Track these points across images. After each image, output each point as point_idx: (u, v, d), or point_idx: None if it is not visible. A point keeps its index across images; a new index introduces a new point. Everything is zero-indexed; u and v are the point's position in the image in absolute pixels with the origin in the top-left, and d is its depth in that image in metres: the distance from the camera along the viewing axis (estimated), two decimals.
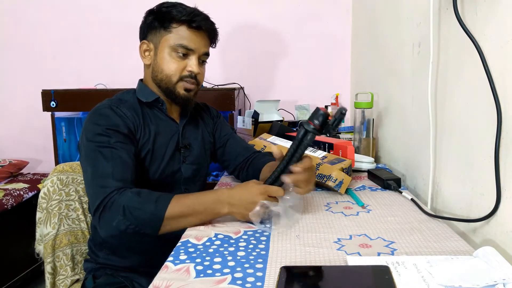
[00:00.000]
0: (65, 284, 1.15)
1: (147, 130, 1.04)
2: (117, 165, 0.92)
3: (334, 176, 1.06)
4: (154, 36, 1.05)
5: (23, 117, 2.47)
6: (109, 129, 0.96)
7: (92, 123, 0.97)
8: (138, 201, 0.86)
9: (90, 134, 0.96)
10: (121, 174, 0.91)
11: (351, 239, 0.79)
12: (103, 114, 0.99)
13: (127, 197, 0.86)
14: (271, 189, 0.84)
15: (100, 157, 0.92)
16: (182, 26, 1.02)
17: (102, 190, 0.88)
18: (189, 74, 1.04)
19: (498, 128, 0.72)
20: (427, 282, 0.59)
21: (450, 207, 0.95)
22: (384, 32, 1.56)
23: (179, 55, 1.03)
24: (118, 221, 0.85)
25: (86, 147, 0.95)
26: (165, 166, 1.07)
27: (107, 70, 2.37)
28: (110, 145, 0.94)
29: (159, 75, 1.05)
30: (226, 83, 2.20)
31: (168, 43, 1.02)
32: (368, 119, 1.45)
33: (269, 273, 0.65)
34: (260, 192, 0.84)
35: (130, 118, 1.02)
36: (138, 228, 0.85)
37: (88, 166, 0.93)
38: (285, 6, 2.27)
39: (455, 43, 0.90)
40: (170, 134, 1.09)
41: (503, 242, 0.73)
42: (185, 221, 0.86)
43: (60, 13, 2.37)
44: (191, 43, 1.03)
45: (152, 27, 1.05)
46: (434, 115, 1.01)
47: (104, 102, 1.03)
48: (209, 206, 0.86)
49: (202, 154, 1.16)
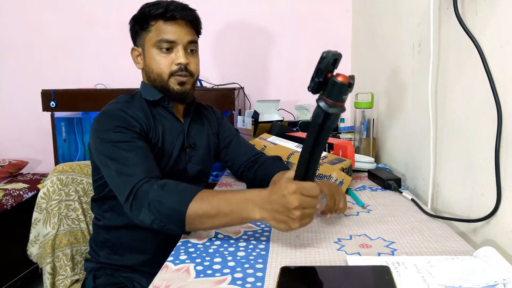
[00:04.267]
0: (64, 284, 1.15)
1: (157, 130, 1.05)
2: (139, 155, 0.91)
3: (334, 176, 1.06)
4: (139, 40, 1.06)
5: (23, 117, 2.47)
6: (122, 127, 0.95)
7: (103, 124, 0.96)
8: (161, 195, 0.82)
9: (103, 134, 0.94)
10: (146, 164, 0.90)
11: (351, 239, 0.79)
12: (114, 115, 0.98)
13: (152, 189, 0.83)
14: (307, 190, 0.69)
15: (120, 151, 0.91)
16: (159, 21, 1.02)
17: (130, 179, 0.86)
18: (178, 68, 1.03)
19: (498, 128, 0.72)
20: (427, 282, 0.59)
21: (450, 207, 0.95)
22: (384, 32, 1.56)
23: (163, 51, 1.02)
24: (144, 214, 0.82)
25: (101, 146, 0.94)
26: (172, 165, 1.07)
27: (107, 70, 2.37)
28: (128, 140, 0.93)
29: (151, 75, 1.05)
30: (226, 83, 2.20)
31: (150, 42, 1.03)
32: (368, 119, 1.45)
33: (269, 273, 0.65)
34: (296, 198, 0.68)
35: (142, 118, 1.01)
36: (163, 223, 0.80)
37: (110, 162, 0.91)
38: (285, 6, 2.27)
39: (455, 43, 0.90)
40: (177, 133, 1.09)
41: (503, 242, 0.72)
42: (210, 222, 0.78)
43: (60, 13, 2.37)
44: (170, 35, 1.02)
45: (136, 32, 1.06)
46: (434, 115, 1.01)
47: (112, 106, 1.01)
48: (237, 207, 0.75)
49: (207, 154, 1.16)
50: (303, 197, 0.68)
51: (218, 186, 1.21)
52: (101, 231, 1.09)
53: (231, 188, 1.19)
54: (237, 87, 2.05)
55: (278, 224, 0.71)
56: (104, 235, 1.08)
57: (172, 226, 0.80)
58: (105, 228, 1.08)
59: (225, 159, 1.23)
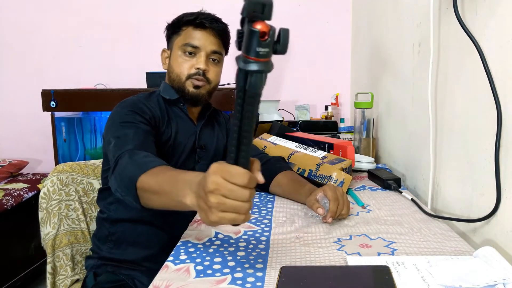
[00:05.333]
0: (65, 284, 1.15)
1: (170, 127, 1.09)
2: (138, 133, 0.94)
3: (335, 176, 1.06)
4: (170, 43, 1.14)
5: (23, 117, 2.47)
6: (133, 111, 1.00)
7: (118, 110, 1.02)
8: (127, 162, 0.80)
9: (115, 116, 1.00)
10: (141, 140, 0.92)
11: (351, 239, 0.79)
12: (131, 103, 1.04)
13: (124, 157, 0.82)
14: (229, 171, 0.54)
15: (124, 129, 0.95)
16: (189, 27, 1.09)
17: (119, 151, 0.87)
18: (196, 72, 1.08)
19: (498, 128, 0.72)
20: (427, 282, 0.59)
21: (450, 207, 0.95)
22: (384, 32, 1.56)
23: (187, 54, 1.08)
24: (112, 181, 0.83)
25: (110, 127, 0.98)
26: (181, 164, 1.10)
27: (107, 70, 2.37)
28: (133, 121, 0.97)
29: (172, 75, 1.11)
30: (226, 83, 2.20)
31: (177, 44, 1.10)
32: (368, 119, 1.45)
33: (269, 273, 0.65)
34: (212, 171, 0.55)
35: (156, 110, 1.07)
36: (124, 192, 0.77)
37: (112, 139, 0.93)
38: (285, 6, 2.27)
39: (455, 43, 0.90)
40: (189, 134, 1.13)
41: (503, 242, 0.73)
42: (154, 198, 0.72)
43: (60, 13, 2.37)
44: (196, 40, 1.08)
45: (168, 36, 1.14)
46: (434, 115, 1.01)
47: (131, 98, 1.08)
48: (175, 188, 0.66)
49: (215, 156, 1.19)
50: (225, 182, 0.54)
51: None
52: (105, 224, 1.10)
53: None
54: None
55: (200, 212, 0.58)
56: (108, 228, 1.09)
57: (129, 197, 0.76)
58: (109, 221, 1.09)
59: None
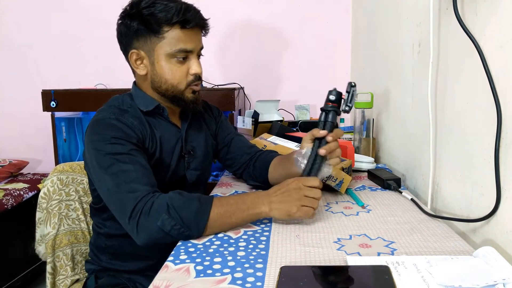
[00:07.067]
0: (65, 284, 1.15)
1: (154, 139, 1.00)
2: (139, 170, 0.88)
3: (335, 176, 1.06)
4: (143, 43, 0.96)
5: (24, 117, 2.47)
6: (119, 138, 0.90)
7: (99, 134, 0.91)
8: (182, 200, 0.82)
9: (99, 144, 0.90)
10: (147, 179, 0.87)
11: (351, 239, 0.79)
12: (109, 124, 0.92)
13: (168, 196, 0.82)
14: (308, 181, 0.85)
15: (119, 164, 0.87)
16: (175, 28, 0.93)
17: (132, 195, 0.83)
18: (194, 77, 0.99)
19: (498, 128, 0.72)
20: (427, 282, 0.59)
21: (450, 207, 0.95)
22: (384, 32, 1.56)
23: (179, 60, 0.96)
24: (163, 220, 0.79)
25: (98, 157, 0.89)
26: (171, 174, 1.04)
27: (107, 70, 2.36)
28: (126, 152, 0.89)
29: (163, 85, 0.99)
30: (226, 83, 2.20)
31: (164, 50, 0.95)
32: (368, 119, 1.45)
33: (269, 273, 0.65)
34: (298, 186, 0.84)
35: (138, 127, 0.96)
36: (183, 229, 0.80)
37: (107, 175, 0.86)
38: (285, 6, 2.27)
39: (455, 43, 0.90)
40: (174, 140, 1.05)
41: (503, 242, 0.73)
42: (228, 220, 0.83)
43: (60, 13, 2.37)
44: (188, 44, 0.96)
45: (139, 34, 0.95)
46: (434, 115, 1.01)
47: (105, 113, 0.95)
48: (251, 204, 0.84)
49: (205, 158, 1.14)
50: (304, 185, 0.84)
51: (218, 186, 1.20)
52: (102, 238, 1.06)
53: (230, 188, 1.19)
54: (237, 87, 2.05)
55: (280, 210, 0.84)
56: (105, 241, 1.06)
57: (193, 230, 0.81)
58: (106, 235, 1.05)
59: (225, 157, 1.21)
